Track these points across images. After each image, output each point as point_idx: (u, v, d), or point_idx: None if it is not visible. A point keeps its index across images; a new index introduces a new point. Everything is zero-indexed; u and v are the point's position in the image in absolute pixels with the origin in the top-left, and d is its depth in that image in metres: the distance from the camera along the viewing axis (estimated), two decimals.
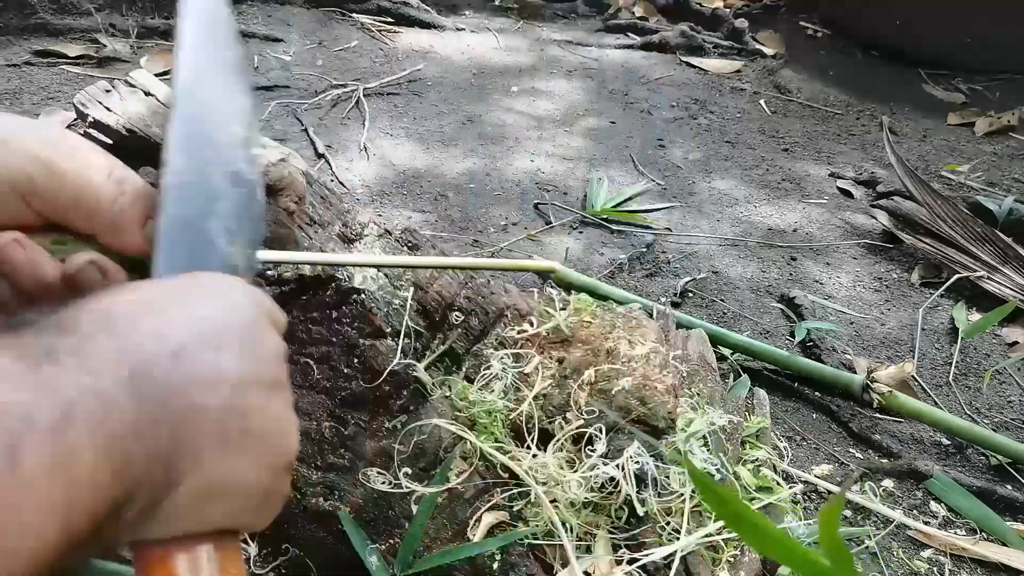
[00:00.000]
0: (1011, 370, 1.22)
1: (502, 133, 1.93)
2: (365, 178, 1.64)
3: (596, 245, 1.49)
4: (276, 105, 1.90)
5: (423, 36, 2.53)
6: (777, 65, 2.58)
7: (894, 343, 1.28)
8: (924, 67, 2.58)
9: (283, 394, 0.34)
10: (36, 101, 1.77)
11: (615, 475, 0.75)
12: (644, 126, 2.07)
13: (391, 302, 0.84)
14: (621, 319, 0.93)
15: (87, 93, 1.06)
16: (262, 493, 0.32)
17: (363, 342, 0.81)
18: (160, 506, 0.29)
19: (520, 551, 0.74)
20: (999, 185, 1.84)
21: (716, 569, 0.73)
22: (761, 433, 0.93)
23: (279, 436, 0.33)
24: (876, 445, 1.05)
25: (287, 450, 0.33)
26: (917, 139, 2.13)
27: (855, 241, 1.59)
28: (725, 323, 1.28)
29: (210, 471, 0.30)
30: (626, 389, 0.81)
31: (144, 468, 0.27)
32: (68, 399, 0.26)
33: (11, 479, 0.23)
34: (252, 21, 2.41)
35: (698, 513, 0.76)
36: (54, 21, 2.11)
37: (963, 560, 0.89)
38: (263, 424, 0.32)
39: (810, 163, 1.95)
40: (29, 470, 0.24)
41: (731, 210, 1.68)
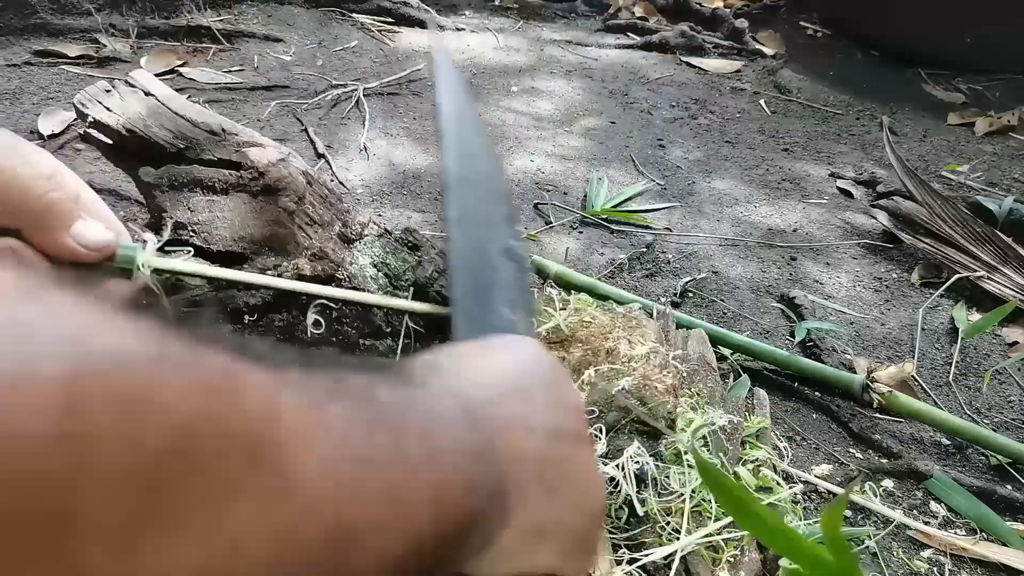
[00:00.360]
0: (1011, 370, 1.22)
1: (502, 133, 1.93)
2: (365, 178, 1.64)
3: (596, 245, 1.49)
4: (276, 105, 1.89)
5: (423, 36, 2.53)
6: (777, 65, 2.58)
7: (894, 343, 1.28)
8: (924, 67, 2.58)
9: (588, 446, 0.35)
10: (36, 101, 1.77)
11: (615, 475, 0.75)
12: (644, 126, 2.07)
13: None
14: (621, 319, 0.93)
15: (87, 93, 1.06)
16: (582, 538, 0.34)
17: (363, 342, 0.81)
18: (492, 544, 0.30)
19: None
20: (999, 185, 1.84)
21: (716, 569, 0.73)
22: (761, 433, 0.93)
23: (590, 484, 0.34)
24: (876, 445, 1.05)
25: (598, 498, 0.35)
26: (917, 139, 2.13)
27: (855, 241, 1.59)
28: (725, 323, 1.28)
29: (536, 511, 0.31)
30: (626, 389, 0.81)
31: (483, 493, 0.28)
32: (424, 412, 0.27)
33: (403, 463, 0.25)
34: (252, 21, 2.41)
35: (698, 513, 0.76)
36: (54, 21, 2.11)
37: (963, 560, 0.89)
38: (575, 472, 0.33)
39: (810, 163, 1.95)
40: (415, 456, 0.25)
41: (731, 210, 1.68)
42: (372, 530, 0.23)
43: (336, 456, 0.22)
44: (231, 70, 2.08)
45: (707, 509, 0.76)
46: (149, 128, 0.98)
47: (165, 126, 0.98)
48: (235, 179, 0.90)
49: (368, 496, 0.23)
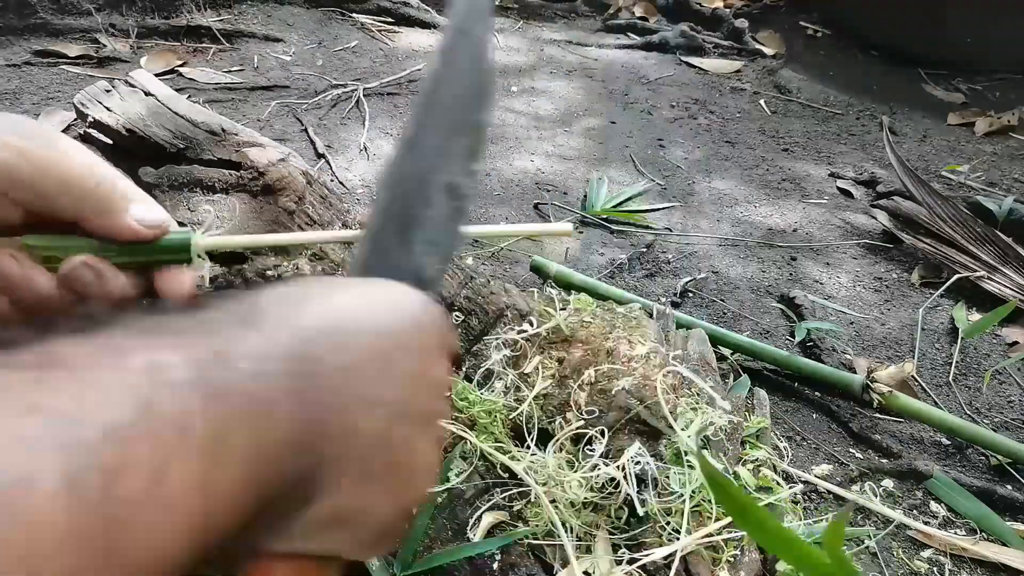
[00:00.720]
0: (1011, 370, 1.22)
1: (502, 133, 1.93)
2: (365, 178, 1.64)
3: (596, 245, 1.49)
4: (276, 105, 1.89)
5: (423, 36, 2.53)
6: (777, 65, 2.58)
7: (894, 343, 1.28)
8: (924, 67, 2.58)
9: (434, 431, 0.33)
10: (36, 101, 1.77)
11: (615, 475, 0.75)
12: (644, 126, 2.07)
13: None
14: (621, 319, 0.93)
15: (87, 93, 1.06)
16: (385, 529, 0.31)
17: None
18: (285, 523, 0.28)
19: (520, 551, 0.74)
20: (999, 185, 1.84)
21: (716, 569, 0.73)
22: (761, 433, 0.93)
23: (417, 475, 0.32)
24: (876, 445, 1.05)
25: (420, 490, 0.32)
26: (917, 139, 2.13)
27: (855, 241, 1.59)
28: (725, 323, 1.28)
29: (345, 498, 0.29)
30: (626, 389, 0.81)
31: (288, 487, 0.27)
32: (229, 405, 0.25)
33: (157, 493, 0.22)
34: (252, 21, 2.41)
35: (698, 513, 0.76)
36: (54, 21, 2.11)
37: (963, 560, 0.89)
38: (406, 460, 0.31)
39: (810, 163, 1.95)
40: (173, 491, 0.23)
41: (731, 210, 1.68)
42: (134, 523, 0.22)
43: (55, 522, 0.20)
44: (231, 70, 2.08)
45: (707, 509, 0.76)
46: (149, 128, 0.98)
47: (165, 126, 0.98)
48: (235, 179, 0.90)
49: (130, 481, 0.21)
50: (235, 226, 0.87)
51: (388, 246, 0.38)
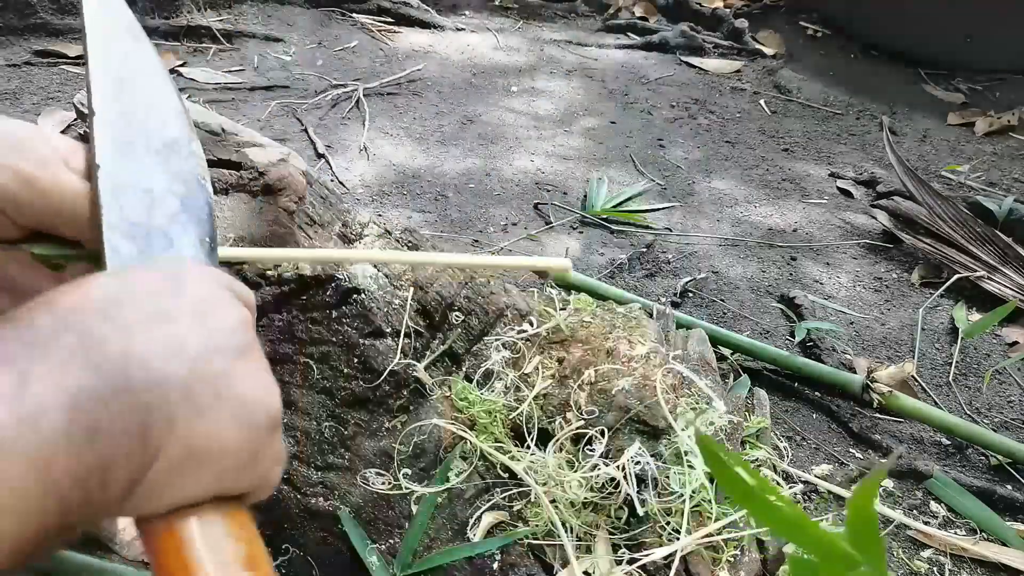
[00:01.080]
0: (1011, 370, 1.22)
1: (502, 133, 1.93)
2: (365, 178, 1.64)
3: (596, 245, 1.49)
4: (276, 105, 1.90)
5: (423, 36, 2.53)
6: (777, 65, 2.58)
7: (894, 343, 1.28)
8: (924, 67, 2.58)
9: (252, 357, 0.34)
10: (36, 101, 1.77)
11: (615, 475, 0.75)
12: (644, 126, 2.07)
13: (391, 302, 0.84)
14: (621, 319, 0.93)
15: None
16: (248, 453, 0.32)
17: (363, 342, 0.81)
18: (147, 476, 0.29)
19: (520, 551, 0.74)
20: (999, 185, 1.84)
21: (716, 569, 0.73)
22: (761, 433, 0.93)
23: (254, 396, 0.33)
24: (876, 445, 1.05)
25: (266, 409, 0.33)
26: (917, 139, 2.13)
27: (855, 241, 1.59)
28: (725, 323, 1.28)
29: (187, 436, 0.30)
30: (626, 389, 0.81)
31: (118, 433, 0.28)
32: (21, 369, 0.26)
33: None
34: (252, 21, 2.41)
35: (698, 513, 0.76)
36: (54, 21, 2.11)
37: (963, 560, 0.89)
38: (233, 386, 0.32)
39: (810, 163, 1.95)
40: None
41: (731, 210, 1.68)
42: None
43: None
44: (231, 70, 2.08)
45: (707, 509, 0.76)
46: None
47: None
48: (235, 179, 0.90)
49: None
50: (235, 226, 0.87)
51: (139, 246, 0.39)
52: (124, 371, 0.29)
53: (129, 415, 0.28)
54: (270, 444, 0.33)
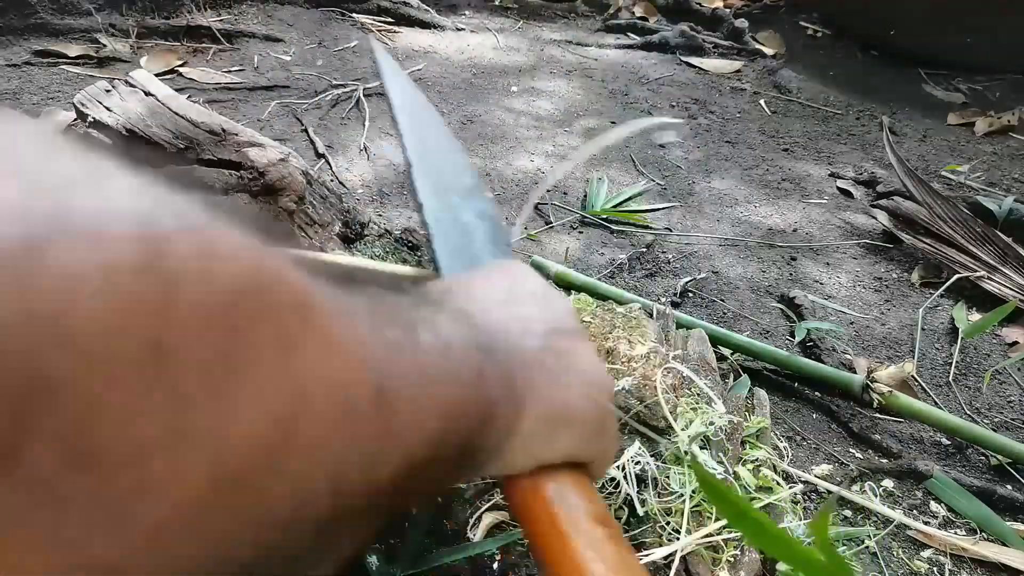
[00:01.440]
0: (1011, 370, 1.22)
1: (502, 133, 1.93)
2: (365, 178, 1.64)
3: (596, 245, 1.49)
4: (276, 105, 1.90)
5: (423, 36, 2.53)
6: (777, 65, 2.58)
7: (894, 343, 1.28)
8: (924, 67, 2.58)
9: (585, 341, 0.38)
10: (36, 101, 1.77)
11: (615, 475, 0.75)
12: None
13: None
14: (621, 319, 0.93)
15: (87, 93, 1.06)
16: (596, 422, 0.36)
17: None
18: (516, 431, 0.32)
19: (520, 551, 0.74)
20: (999, 185, 1.84)
21: (716, 569, 0.73)
22: (761, 433, 0.93)
23: (592, 370, 0.36)
24: (876, 445, 1.05)
25: (605, 384, 0.37)
26: (917, 139, 2.13)
27: (855, 241, 1.59)
28: (725, 323, 1.28)
29: (548, 399, 0.33)
30: (626, 389, 0.81)
31: (498, 383, 0.31)
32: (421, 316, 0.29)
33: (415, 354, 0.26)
34: (252, 21, 2.41)
35: (698, 513, 0.76)
36: (54, 21, 2.11)
37: (963, 560, 0.89)
38: (577, 362, 0.35)
39: (810, 163, 1.95)
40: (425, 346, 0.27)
41: (731, 210, 1.68)
42: (409, 402, 0.25)
43: (370, 339, 0.24)
44: (231, 70, 2.08)
45: (707, 509, 0.76)
46: (149, 128, 0.98)
47: (165, 126, 0.98)
48: (235, 179, 0.90)
49: (402, 373, 0.25)
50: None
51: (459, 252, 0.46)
52: (491, 336, 0.32)
53: (502, 369, 0.31)
54: (611, 419, 0.37)
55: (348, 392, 0.21)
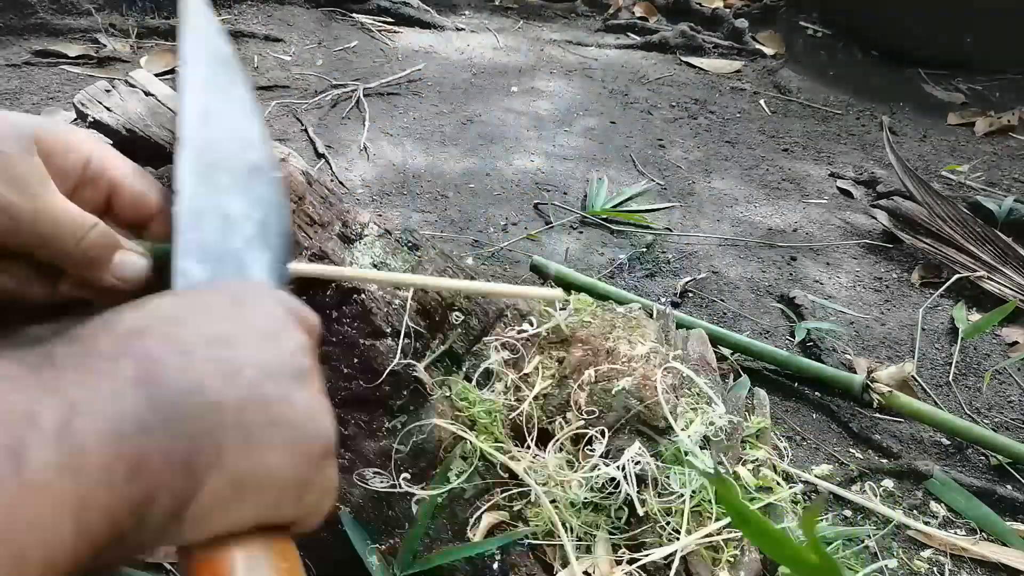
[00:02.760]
0: (1011, 370, 1.22)
1: (502, 133, 1.93)
2: (365, 178, 1.64)
3: (596, 245, 1.49)
4: (276, 105, 1.90)
5: (423, 36, 2.53)
6: (777, 65, 2.58)
7: (894, 343, 1.28)
8: (924, 67, 2.58)
9: (309, 383, 0.33)
10: (36, 101, 1.77)
11: (615, 475, 0.75)
12: (644, 126, 2.07)
13: (391, 302, 0.84)
14: (621, 319, 0.93)
15: (87, 93, 1.06)
16: (298, 483, 0.31)
17: (363, 342, 0.81)
18: (189, 507, 0.28)
19: (520, 551, 0.74)
20: (999, 185, 1.84)
21: (716, 569, 0.73)
22: (761, 433, 0.93)
23: (308, 424, 0.32)
24: (876, 445, 1.05)
25: (319, 437, 0.32)
26: (917, 139, 2.13)
27: (855, 241, 1.59)
28: (725, 323, 1.28)
29: (234, 465, 0.29)
30: (626, 389, 0.81)
31: (161, 467, 0.27)
32: (71, 399, 0.26)
33: (17, 480, 0.23)
34: (252, 21, 2.41)
35: (698, 513, 0.76)
36: (54, 21, 2.11)
37: (963, 560, 0.89)
38: (288, 413, 0.31)
39: (810, 163, 1.95)
40: (35, 471, 0.24)
41: (731, 210, 1.68)
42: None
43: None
44: None
45: (707, 509, 0.76)
46: (149, 128, 0.98)
47: (165, 126, 0.98)
48: None
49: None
50: None
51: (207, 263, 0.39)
52: (177, 398, 0.28)
53: (176, 446, 0.27)
54: (321, 473, 0.32)
55: None
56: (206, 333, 0.31)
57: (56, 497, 0.24)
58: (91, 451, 0.25)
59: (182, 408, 0.28)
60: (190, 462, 0.28)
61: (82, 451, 0.25)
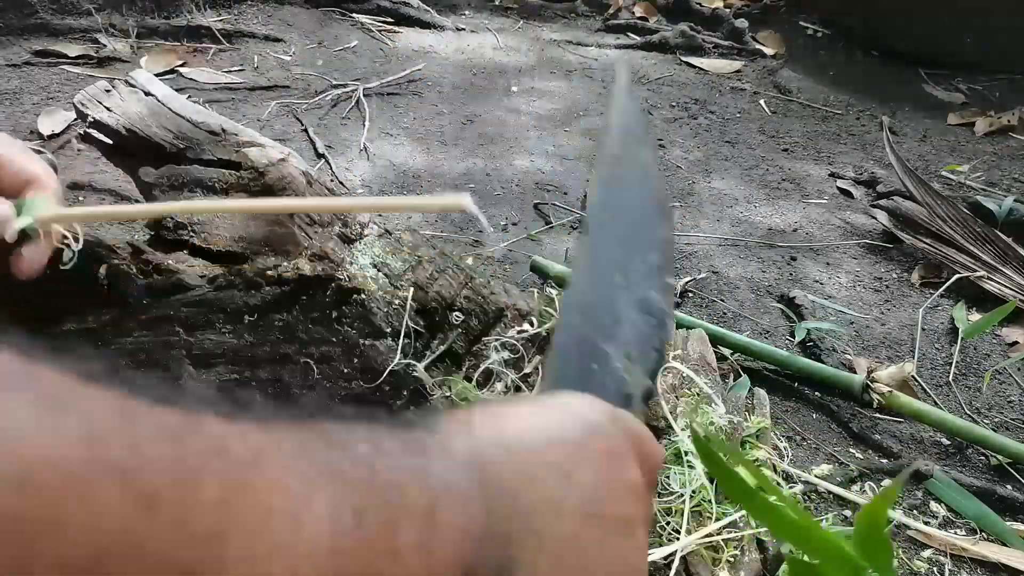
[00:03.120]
0: (1011, 370, 1.22)
1: (502, 133, 1.93)
2: (365, 178, 1.64)
3: None
4: (276, 105, 1.90)
5: (423, 36, 2.53)
6: (777, 65, 2.58)
7: (894, 343, 1.28)
8: (924, 67, 2.58)
9: (634, 534, 0.31)
10: (36, 101, 1.77)
11: None
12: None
13: (391, 302, 0.84)
14: None
15: (87, 93, 1.06)
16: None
17: (363, 342, 0.81)
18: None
19: None
20: (999, 185, 1.84)
21: (716, 569, 0.73)
22: (761, 433, 0.93)
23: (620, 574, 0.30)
24: (876, 445, 1.05)
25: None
26: (917, 139, 2.13)
27: (855, 241, 1.59)
28: (725, 323, 1.28)
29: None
30: None
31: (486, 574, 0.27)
32: (434, 486, 0.26)
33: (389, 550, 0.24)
34: (252, 21, 2.41)
35: (698, 513, 0.76)
36: (54, 21, 2.11)
37: (963, 560, 0.89)
38: (602, 562, 0.30)
39: (810, 163, 1.95)
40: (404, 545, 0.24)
41: (731, 210, 1.68)
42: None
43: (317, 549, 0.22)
44: (231, 70, 2.08)
45: (707, 509, 0.76)
46: (149, 128, 0.98)
47: (165, 126, 0.98)
48: (235, 179, 0.90)
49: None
50: (235, 227, 0.87)
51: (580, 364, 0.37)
52: (508, 519, 0.28)
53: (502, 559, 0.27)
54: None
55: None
56: (551, 456, 0.30)
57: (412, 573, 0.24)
58: (444, 544, 0.25)
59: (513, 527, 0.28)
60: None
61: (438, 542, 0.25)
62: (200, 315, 0.85)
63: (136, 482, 0.18)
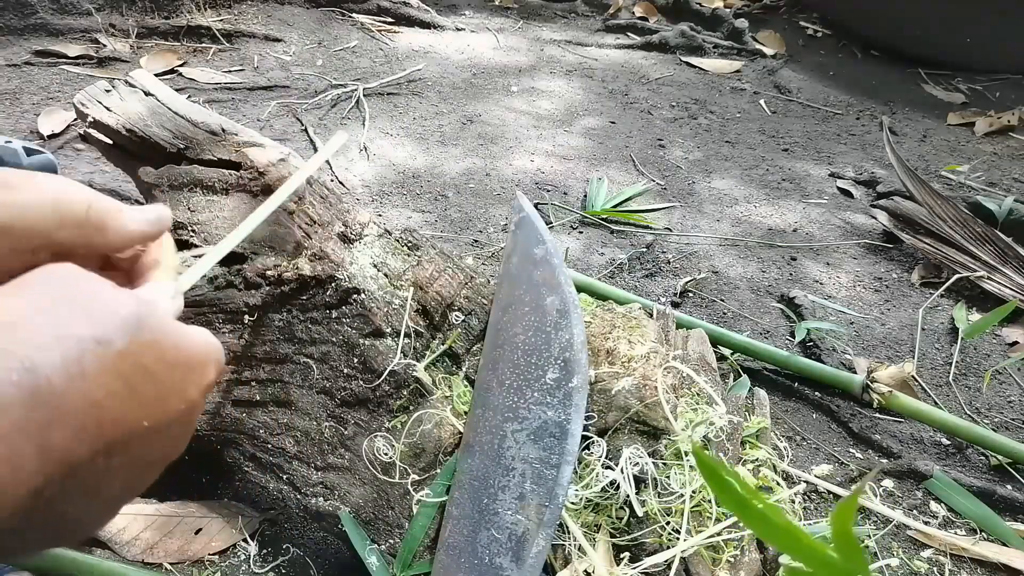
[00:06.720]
0: (1011, 370, 1.22)
1: (502, 133, 1.93)
2: (365, 178, 1.64)
3: (596, 245, 1.49)
4: (276, 105, 1.89)
5: (423, 36, 2.53)
6: (777, 65, 2.58)
7: (894, 343, 1.28)
8: (924, 67, 2.58)
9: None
10: (36, 101, 1.77)
11: (614, 476, 0.75)
12: (644, 126, 2.07)
13: (391, 302, 0.84)
14: (621, 319, 0.93)
15: (87, 93, 1.06)
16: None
17: (363, 342, 0.81)
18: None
19: None
20: (999, 185, 1.84)
21: (716, 569, 0.73)
22: (761, 433, 0.93)
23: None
24: (876, 445, 1.05)
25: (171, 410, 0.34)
26: (917, 139, 2.13)
27: (855, 241, 1.59)
28: (725, 323, 1.28)
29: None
30: (626, 389, 0.81)
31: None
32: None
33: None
34: (252, 21, 2.41)
35: (698, 513, 0.76)
36: (54, 21, 2.11)
37: (963, 560, 0.89)
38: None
39: (810, 163, 1.95)
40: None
41: (731, 210, 1.68)
42: None
43: None
44: (231, 70, 2.08)
45: (707, 509, 0.76)
46: (149, 128, 0.98)
47: (165, 126, 0.98)
48: (235, 179, 0.90)
49: None
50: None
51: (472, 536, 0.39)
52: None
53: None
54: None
55: None
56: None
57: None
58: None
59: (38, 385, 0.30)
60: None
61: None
62: (200, 315, 0.85)
63: None
